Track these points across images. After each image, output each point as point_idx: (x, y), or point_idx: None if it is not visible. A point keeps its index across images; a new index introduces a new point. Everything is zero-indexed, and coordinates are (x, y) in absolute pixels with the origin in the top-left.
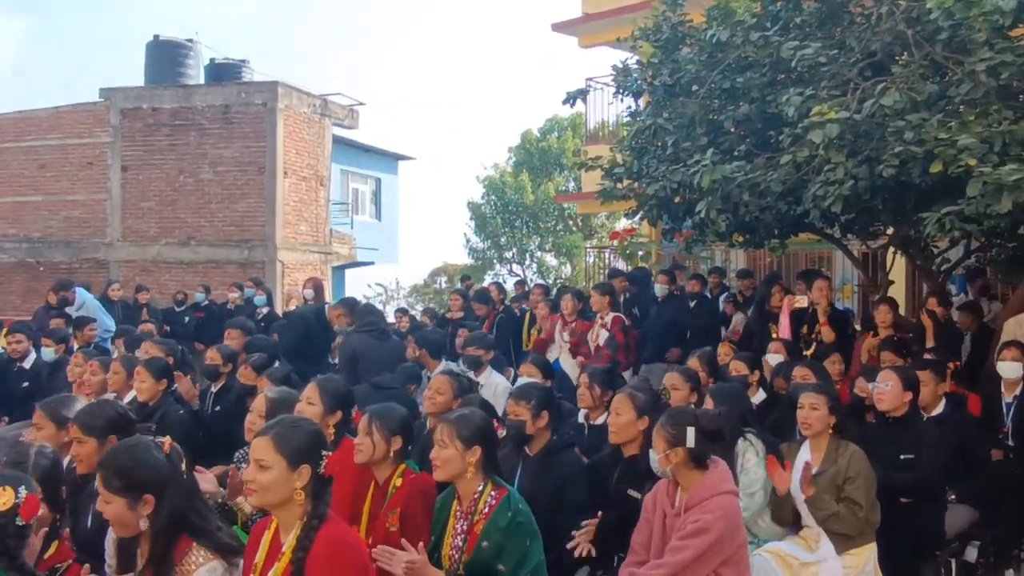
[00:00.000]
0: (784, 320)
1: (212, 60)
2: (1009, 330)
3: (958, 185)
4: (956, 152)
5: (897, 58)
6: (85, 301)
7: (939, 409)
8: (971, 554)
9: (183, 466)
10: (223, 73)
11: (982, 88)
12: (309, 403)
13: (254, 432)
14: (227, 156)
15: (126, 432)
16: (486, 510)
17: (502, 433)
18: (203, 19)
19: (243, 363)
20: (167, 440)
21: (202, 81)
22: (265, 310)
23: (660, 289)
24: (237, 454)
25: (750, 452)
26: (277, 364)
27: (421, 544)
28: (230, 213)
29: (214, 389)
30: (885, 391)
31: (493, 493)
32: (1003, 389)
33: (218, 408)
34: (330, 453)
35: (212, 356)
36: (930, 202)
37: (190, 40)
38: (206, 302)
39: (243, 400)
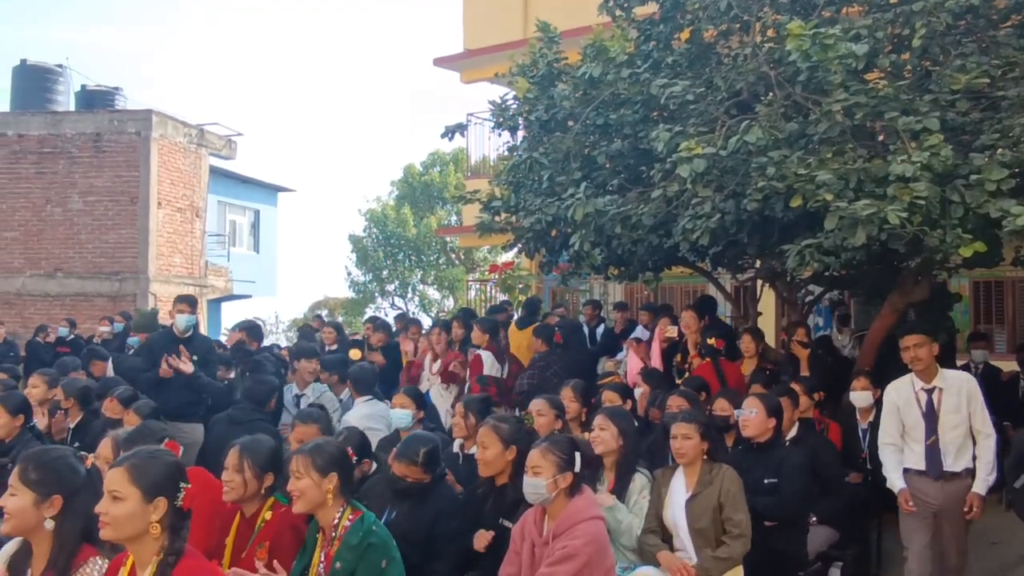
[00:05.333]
0: (656, 348)
1: (83, 87)
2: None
3: (817, 219)
4: (815, 188)
5: (762, 97)
6: None
7: (793, 433)
8: (834, 574)
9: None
10: (95, 100)
11: (838, 127)
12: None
13: None
14: (98, 186)
15: None
16: (341, 532)
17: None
18: (75, 45)
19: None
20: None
21: (72, 108)
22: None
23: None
24: None
25: (647, 490)
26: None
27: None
28: (100, 244)
29: (71, 425)
30: (750, 418)
31: (350, 516)
32: (858, 417)
33: (76, 444)
34: (189, 486)
35: (56, 393)
36: (792, 235)
37: (60, 65)
38: (71, 336)
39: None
